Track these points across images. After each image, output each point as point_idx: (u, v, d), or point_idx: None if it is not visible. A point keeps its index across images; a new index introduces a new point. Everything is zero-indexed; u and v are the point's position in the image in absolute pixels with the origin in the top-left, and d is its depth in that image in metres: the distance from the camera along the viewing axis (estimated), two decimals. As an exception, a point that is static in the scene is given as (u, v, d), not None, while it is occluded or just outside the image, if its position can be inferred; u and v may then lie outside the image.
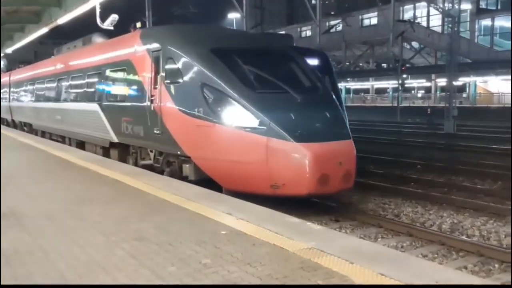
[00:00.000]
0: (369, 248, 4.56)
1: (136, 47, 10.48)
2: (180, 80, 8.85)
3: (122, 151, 11.73)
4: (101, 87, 12.53)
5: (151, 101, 9.51)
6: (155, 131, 9.45)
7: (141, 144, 10.47)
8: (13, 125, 25.30)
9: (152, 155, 10.18)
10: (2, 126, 24.36)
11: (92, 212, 5.91)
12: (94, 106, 12.70)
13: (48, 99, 17.76)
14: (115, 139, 11.63)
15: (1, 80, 27.46)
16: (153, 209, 6.06)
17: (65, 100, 15.61)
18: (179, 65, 8.93)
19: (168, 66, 9.23)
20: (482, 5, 47.59)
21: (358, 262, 4.06)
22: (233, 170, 7.98)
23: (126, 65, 10.88)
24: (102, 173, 8.92)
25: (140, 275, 3.85)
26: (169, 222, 5.43)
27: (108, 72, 12.09)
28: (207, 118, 8.18)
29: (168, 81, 9.14)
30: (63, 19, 16.26)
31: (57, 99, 16.54)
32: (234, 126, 7.94)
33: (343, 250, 4.35)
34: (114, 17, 13.00)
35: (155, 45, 9.70)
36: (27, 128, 22.02)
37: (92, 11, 13.86)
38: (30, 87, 21.04)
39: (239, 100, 8.04)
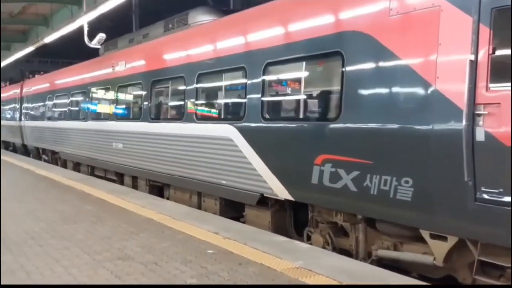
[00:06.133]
0: (357, 268, 4.53)
1: (391, 2, 4.98)
2: None
3: (282, 216, 6.83)
4: (243, 96, 7.13)
5: (482, 119, 4.18)
6: (497, 198, 4.01)
7: (406, 220, 4.82)
8: (24, 151, 19.85)
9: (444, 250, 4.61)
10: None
11: (76, 231, 5.82)
12: (222, 130, 7.42)
13: (96, 117, 12.52)
14: (280, 194, 6.36)
15: (8, 94, 23.14)
16: (138, 228, 5.99)
17: (139, 119, 10.17)
18: None
19: None
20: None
21: (346, 281, 4.03)
22: None
23: (339, 43, 5.53)
24: (87, 192, 8.84)
25: (124, 296, 3.77)
26: (154, 241, 5.36)
27: (266, 66, 6.68)
28: None
29: None
30: (50, 38, 16.22)
31: (118, 117, 11.29)
32: None
33: (331, 269, 4.33)
34: (101, 36, 12.97)
35: None
36: (48, 156, 16.96)
37: (80, 29, 13.80)
38: (60, 101, 15.60)
39: None
